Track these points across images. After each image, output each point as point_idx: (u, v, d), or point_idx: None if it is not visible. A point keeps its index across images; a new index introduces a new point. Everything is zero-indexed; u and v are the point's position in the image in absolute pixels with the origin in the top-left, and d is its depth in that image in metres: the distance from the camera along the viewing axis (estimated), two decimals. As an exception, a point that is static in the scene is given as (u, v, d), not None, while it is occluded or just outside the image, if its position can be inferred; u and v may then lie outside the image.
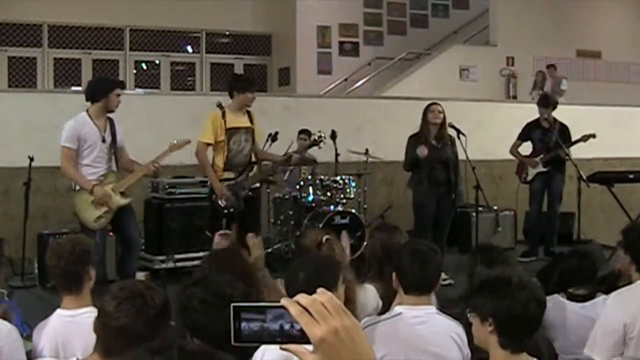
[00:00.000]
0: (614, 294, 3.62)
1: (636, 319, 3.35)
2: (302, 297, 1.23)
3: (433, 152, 7.13)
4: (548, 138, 8.39)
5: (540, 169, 8.45)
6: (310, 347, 1.23)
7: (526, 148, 8.70)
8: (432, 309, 3.27)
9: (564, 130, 8.39)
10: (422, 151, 7.02)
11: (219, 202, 6.50)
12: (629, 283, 3.73)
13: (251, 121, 6.75)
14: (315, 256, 3.41)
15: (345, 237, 4.57)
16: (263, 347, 2.63)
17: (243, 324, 1.26)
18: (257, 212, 6.94)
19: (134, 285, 2.65)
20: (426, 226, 7.14)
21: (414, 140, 7.24)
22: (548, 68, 13.65)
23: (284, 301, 1.24)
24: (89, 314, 2.92)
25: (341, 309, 1.24)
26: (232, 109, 6.68)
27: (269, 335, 1.25)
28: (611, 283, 4.85)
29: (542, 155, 8.43)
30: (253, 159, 6.81)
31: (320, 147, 7.50)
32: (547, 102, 8.46)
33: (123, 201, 6.10)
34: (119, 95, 6.07)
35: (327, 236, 3.90)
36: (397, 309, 3.24)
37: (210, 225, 6.57)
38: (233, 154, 6.62)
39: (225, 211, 6.45)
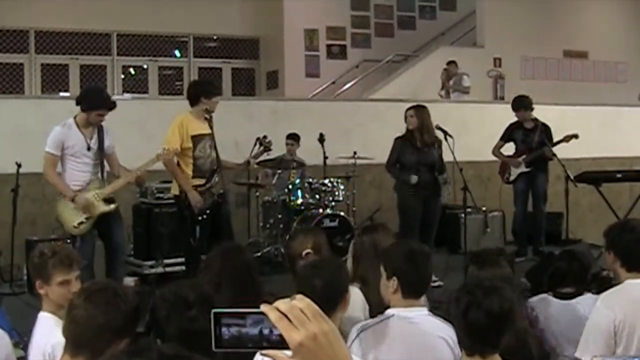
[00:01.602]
0: (602, 295, 3.62)
1: (625, 318, 3.37)
2: (281, 303, 1.25)
3: (418, 155, 7.23)
4: (530, 139, 8.40)
5: (523, 169, 8.46)
6: (289, 353, 1.24)
7: (509, 149, 8.73)
8: (424, 310, 3.29)
9: (546, 130, 8.40)
10: (413, 179, 7.13)
11: (193, 209, 6.37)
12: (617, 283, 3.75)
13: (210, 127, 6.56)
14: (329, 262, 3.42)
15: None
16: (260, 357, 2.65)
17: (223, 329, 1.27)
18: (228, 217, 6.79)
19: (106, 282, 2.65)
20: (412, 229, 7.17)
21: (401, 142, 7.31)
22: (449, 64, 12.93)
23: (264, 307, 1.25)
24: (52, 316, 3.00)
25: (319, 314, 1.25)
26: (194, 115, 6.53)
27: (249, 341, 1.26)
28: (601, 284, 4.88)
29: (524, 156, 8.45)
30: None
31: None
32: (519, 105, 8.46)
33: (106, 208, 6.07)
34: (101, 115, 6.02)
35: (307, 250, 3.93)
36: (389, 311, 3.25)
37: (184, 233, 6.52)
38: (201, 161, 6.51)
39: (200, 218, 6.38)
